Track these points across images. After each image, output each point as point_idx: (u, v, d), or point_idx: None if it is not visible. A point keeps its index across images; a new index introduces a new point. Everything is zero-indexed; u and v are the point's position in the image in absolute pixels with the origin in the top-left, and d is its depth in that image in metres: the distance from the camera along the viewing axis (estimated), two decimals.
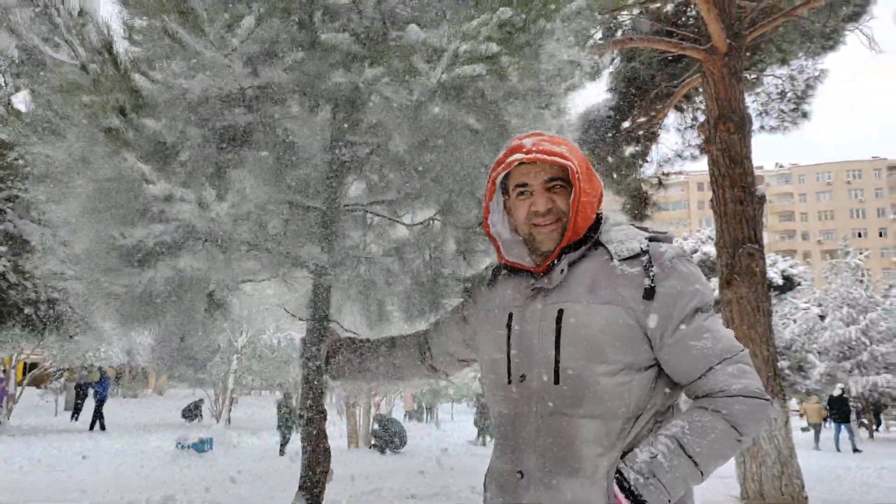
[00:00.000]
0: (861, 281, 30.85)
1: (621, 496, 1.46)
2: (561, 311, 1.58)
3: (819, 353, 29.98)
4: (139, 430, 19.94)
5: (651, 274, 1.54)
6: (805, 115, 11.80)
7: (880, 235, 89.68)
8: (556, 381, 1.54)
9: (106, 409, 20.39)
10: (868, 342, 28.37)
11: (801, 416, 23.94)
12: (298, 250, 2.11)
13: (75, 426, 20.65)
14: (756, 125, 11.85)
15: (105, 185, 1.65)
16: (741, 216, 8.87)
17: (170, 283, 1.86)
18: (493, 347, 1.70)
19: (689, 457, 1.46)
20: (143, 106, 1.70)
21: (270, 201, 1.70)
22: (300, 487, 2.60)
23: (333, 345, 2.19)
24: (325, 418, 2.55)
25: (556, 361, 1.55)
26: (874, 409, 29.66)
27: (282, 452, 15.28)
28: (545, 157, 1.60)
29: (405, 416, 35.37)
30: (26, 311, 5.70)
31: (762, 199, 9.27)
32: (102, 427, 19.68)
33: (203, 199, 1.53)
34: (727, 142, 9.03)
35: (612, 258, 1.60)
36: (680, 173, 14.29)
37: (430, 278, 2.31)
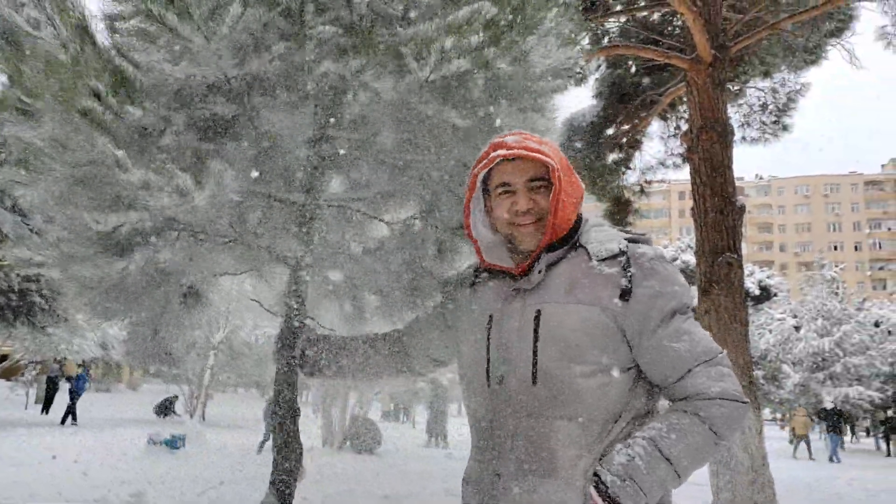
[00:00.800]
0: (836, 293, 31.34)
1: (598, 499, 1.44)
2: (539, 312, 1.57)
3: (793, 363, 30.38)
4: (111, 426, 19.66)
5: (629, 275, 1.53)
6: (786, 127, 11.94)
7: (855, 249, 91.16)
8: (534, 382, 1.53)
9: (78, 404, 20.08)
10: (841, 353, 28.81)
11: (783, 428, 24.44)
12: (276, 244, 2.07)
13: (45, 420, 20.30)
14: (737, 136, 11.98)
15: (80, 170, 1.60)
16: (721, 225, 8.95)
17: (145, 273, 1.81)
18: (473, 349, 1.69)
19: (667, 459, 1.44)
20: (122, 88, 1.66)
21: (250, 193, 1.66)
22: (271, 484, 2.56)
23: (309, 341, 2.15)
24: (297, 416, 2.52)
25: (534, 362, 1.54)
26: (845, 421, 30.05)
27: (260, 450, 15.21)
28: (528, 153, 1.60)
29: (381, 416, 35.23)
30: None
31: (742, 209, 9.35)
32: (74, 421, 19.37)
33: (181, 188, 1.49)
34: (709, 151, 9.11)
35: (590, 258, 1.59)
36: (662, 181, 14.40)
37: (410, 278, 2.28)
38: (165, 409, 24.31)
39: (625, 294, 1.51)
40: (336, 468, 12.06)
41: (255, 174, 1.94)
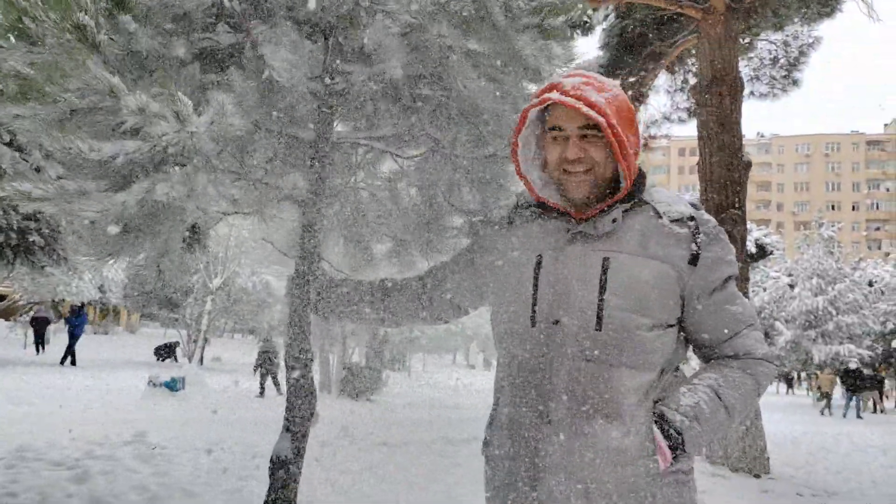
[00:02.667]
0: (832, 253, 31.44)
1: (661, 438, 1.50)
2: (606, 259, 1.57)
3: (786, 321, 30.69)
4: (110, 368, 19.85)
5: (698, 240, 1.59)
6: (796, 82, 11.76)
7: (853, 209, 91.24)
8: (599, 328, 1.54)
9: (77, 346, 20.23)
10: (834, 312, 29.08)
11: (810, 390, 26.14)
12: (285, 182, 2.01)
13: (43, 360, 20.48)
14: (746, 91, 11.78)
15: (76, 97, 1.52)
16: (727, 181, 8.88)
17: (144, 208, 1.74)
18: (514, 290, 1.65)
19: (725, 407, 1.55)
20: (118, 8, 1.57)
21: (255, 128, 1.58)
22: (284, 429, 2.56)
23: (324, 284, 2.10)
24: (311, 360, 2.50)
25: (599, 308, 1.54)
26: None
27: (262, 394, 15.49)
28: (578, 105, 1.54)
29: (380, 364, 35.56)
30: None
31: (748, 165, 9.27)
32: (73, 363, 19.54)
33: (179, 113, 1.41)
34: (718, 106, 8.97)
35: (659, 217, 1.61)
36: (666, 136, 14.24)
37: (424, 217, 2.21)
38: (166, 353, 24.54)
39: (693, 259, 1.58)
40: (334, 414, 12.22)
41: (260, 108, 1.86)
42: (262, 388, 15.75)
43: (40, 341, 22.93)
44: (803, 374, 38.71)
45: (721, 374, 1.59)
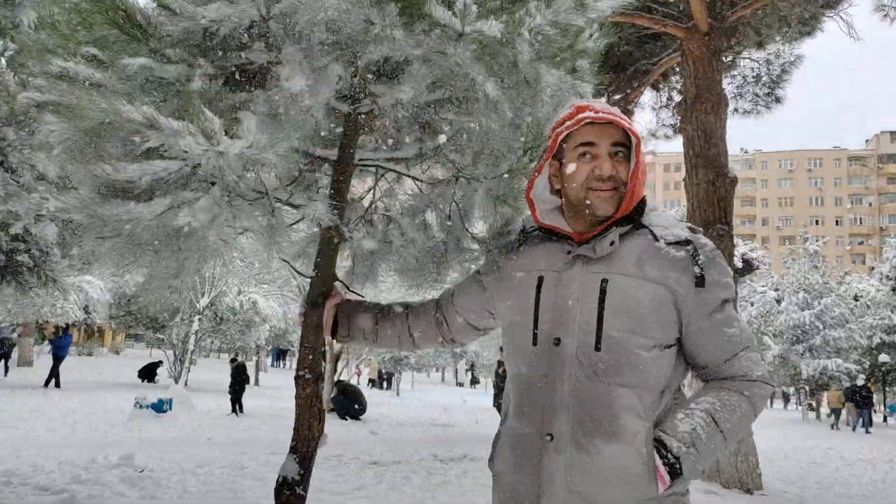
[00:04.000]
0: (817, 267, 31.73)
1: (660, 464, 1.53)
2: (605, 281, 1.60)
3: (774, 335, 30.86)
4: (96, 389, 19.60)
5: (699, 263, 1.61)
6: (778, 99, 11.93)
7: (836, 223, 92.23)
8: (597, 348, 1.57)
9: (61, 367, 19.96)
10: (821, 326, 29.27)
11: (812, 407, 27.46)
12: (305, 202, 2.00)
13: (27, 382, 20.17)
14: (730, 108, 11.94)
15: (90, 123, 1.52)
16: (713, 197, 8.97)
17: (165, 223, 1.72)
18: (517, 311, 1.71)
19: (721, 431, 1.57)
20: (132, 35, 1.57)
21: (283, 148, 1.58)
22: (291, 450, 2.53)
23: (343, 306, 2.13)
24: (321, 379, 2.48)
25: (598, 329, 1.58)
26: (821, 392, 30.72)
27: (234, 410, 15.65)
28: (617, 119, 1.61)
29: (368, 383, 35.40)
30: None
31: (734, 180, 9.37)
32: (58, 385, 19.28)
33: (208, 131, 1.40)
34: (703, 122, 9.08)
35: (656, 240, 1.64)
36: (651, 153, 14.38)
37: (442, 241, 2.21)
38: (149, 373, 24.27)
39: (700, 281, 1.60)
40: (325, 437, 12.10)
41: (286, 129, 1.85)
42: (234, 406, 15.94)
43: (5, 361, 22.63)
44: (791, 390, 38.89)
45: (717, 398, 1.61)
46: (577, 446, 1.55)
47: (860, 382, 25.68)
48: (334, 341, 2.37)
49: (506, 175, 1.98)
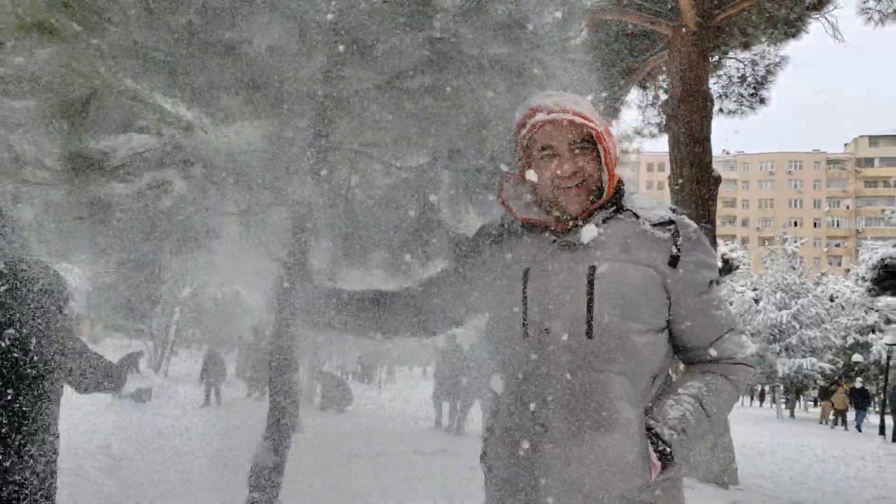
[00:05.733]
0: (794, 268, 32.12)
1: (652, 452, 1.53)
2: (593, 268, 1.57)
3: (752, 334, 31.20)
4: None
5: (678, 243, 1.59)
6: (763, 100, 12.04)
7: (814, 226, 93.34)
8: (589, 336, 1.54)
9: None
10: (798, 326, 29.66)
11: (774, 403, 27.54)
12: (281, 185, 1.98)
13: None
14: (715, 107, 12.03)
15: (83, 91, 1.48)
16: (697, 196, 9.04)
17: (142, 202, 1.70)
18: (505, 303, 1.66)
19: (708, 416, 1.59)
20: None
21: (263, 133, 1.56)
22: (265, 438, 2.51)
23: (314, 292, 2.04)
24: (295, 368, 2.46)
25: (590, 317, 1.54)
26: (796, 390, 31.23)
27: (207, 400, 15.70)
28: (570, 116, 1.58)
29: (350, 375, 35.25)
30: None
31: (718, 180, 9.46)
32: None
33: (185, 116, 1.39)
34: (689, 121, 9.15)
35: (640, 222, 1.62)
36: (637, 151, 14.46)
37: (420, 230, 2.20)
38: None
39: (673, 261, 1.58)
40: (304, 425, 12.07)
41: (267, 114, 1.83)
42: (207, 397, 15.91)
43: None
44: (767, 388, 39.38)
45: (703, 382, 1.62)
46: (571, 437, 1.53)
47: (858, 385, 26.01)
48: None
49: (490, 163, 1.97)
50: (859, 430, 24.28)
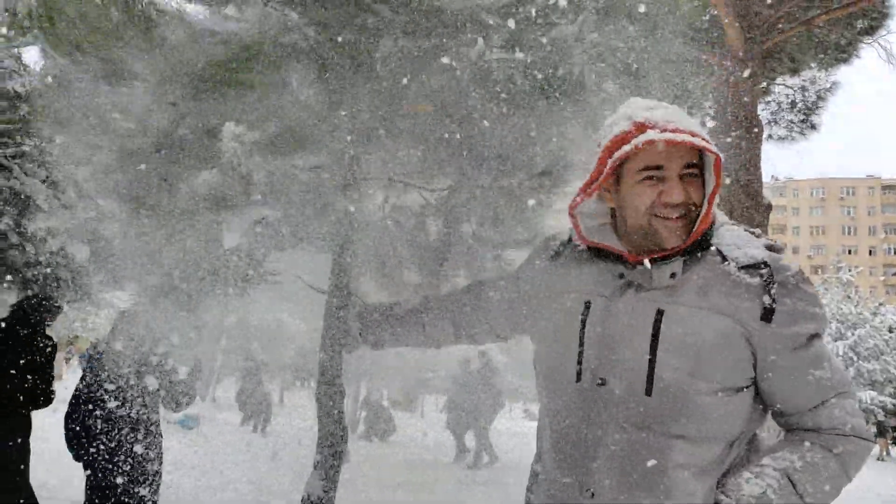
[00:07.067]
0: (850, 297, 31.04)
1: None
2: (661, 312, 1.37)
3: None
4: None
5: (772, 291, 1.34)
6: (814, 126, 11.77)
7: (870, 253, 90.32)
8: (648, 393, 1.35)
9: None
10: (855, 358, 28.56)
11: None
12: (319, 221, 2.02)
13: (59, 394, 20.36)
14: (765, 134, 11.80)
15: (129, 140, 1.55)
16: (748, 224, 8.84)
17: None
18: (558, 338, 1.50)
19: (800, 496, 1.32)
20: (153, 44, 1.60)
21: (291, 171, 1.60)
22: (315, 468, 2.51)
23: (365, 314, 2.03)
24: (343, 396, 2.47)
25: (650, 370, 1.35)
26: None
27: (254, 428, 15.63)
28: (690, 138, 1.33)
29: (391, 404, 35.12)
30: (27, 274, 5.54)
31: (769, 207, 9.26)
32: None
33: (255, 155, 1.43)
34: (738, 148, 9.00)
35: (726, 262, 1.39)
36: None
37: (449, 250, 2.21)
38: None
39: (766, 314, 1.33)
40: (349, 454, 12.06)
41: (297, 151, 1.87)
42: (255, 426, 15.94)
43: None
44: None
45: (799, 455, 1.35)
46: None
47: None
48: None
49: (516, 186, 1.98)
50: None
